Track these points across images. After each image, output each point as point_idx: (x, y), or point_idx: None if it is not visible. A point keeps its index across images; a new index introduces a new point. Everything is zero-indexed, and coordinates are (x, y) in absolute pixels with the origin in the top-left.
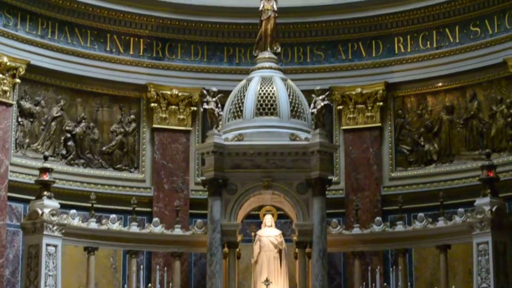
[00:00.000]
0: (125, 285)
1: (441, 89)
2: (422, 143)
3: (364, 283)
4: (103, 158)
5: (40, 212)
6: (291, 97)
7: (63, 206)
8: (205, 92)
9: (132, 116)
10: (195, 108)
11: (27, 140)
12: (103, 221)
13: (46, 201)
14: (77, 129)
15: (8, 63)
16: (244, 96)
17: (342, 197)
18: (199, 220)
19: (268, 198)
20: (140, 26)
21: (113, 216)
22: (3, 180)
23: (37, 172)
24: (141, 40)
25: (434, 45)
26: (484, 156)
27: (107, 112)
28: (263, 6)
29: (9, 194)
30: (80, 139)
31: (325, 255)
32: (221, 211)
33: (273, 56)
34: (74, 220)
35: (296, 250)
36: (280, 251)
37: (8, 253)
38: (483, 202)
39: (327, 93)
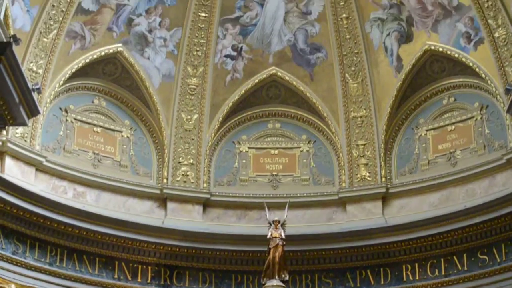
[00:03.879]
0: None
1: None
2: None
3: None
4: None
5: None
6: None
7: None
8: None
9: None
10: None
11: None
12: None
13: None
14: None
15: None
16: None
17: None
18: None
19: None
20: (149, 253)
21: None
22: None
23: None
24: (149, 267)
25: (443, 273)
26: None
27: None
28: (271, 234)
29: None
30: None
31: None
32: None
33: (281, 284)
34: None
35: None
36: None
37: None
38: None
39: None
